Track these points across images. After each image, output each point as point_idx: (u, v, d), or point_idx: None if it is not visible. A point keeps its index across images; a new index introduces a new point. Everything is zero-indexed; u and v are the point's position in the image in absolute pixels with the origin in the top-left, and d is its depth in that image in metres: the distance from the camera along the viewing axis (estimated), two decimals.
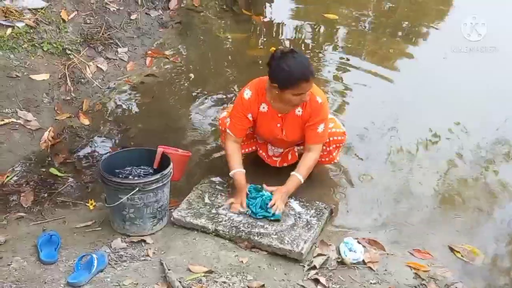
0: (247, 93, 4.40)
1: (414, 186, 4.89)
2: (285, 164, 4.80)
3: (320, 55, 7.00)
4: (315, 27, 7.68)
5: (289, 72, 4.09)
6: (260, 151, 4.83)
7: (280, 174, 4.69)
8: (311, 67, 4.17)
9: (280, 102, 4.33)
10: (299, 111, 4.39)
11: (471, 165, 5.16)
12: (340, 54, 6.99)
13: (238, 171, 4.44)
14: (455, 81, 6.35)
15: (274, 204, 4.28)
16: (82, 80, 5.87)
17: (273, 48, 4.21)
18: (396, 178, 4.96)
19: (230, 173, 4.47)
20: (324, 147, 4.61)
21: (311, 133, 4.43)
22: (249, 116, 4.44)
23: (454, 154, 5.27)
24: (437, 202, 4.74)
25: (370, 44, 7.35)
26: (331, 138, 4.59)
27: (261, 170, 4.83)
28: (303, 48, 7.08)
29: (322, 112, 4.38)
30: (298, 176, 4.42)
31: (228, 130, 4.51)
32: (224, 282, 3.72)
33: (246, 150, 4.82)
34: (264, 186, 4.48)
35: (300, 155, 4.63)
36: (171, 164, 4.19)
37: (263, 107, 4.43)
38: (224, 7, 7.59)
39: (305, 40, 7.32)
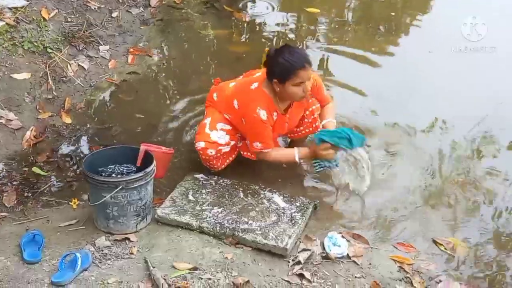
0: (263, 115, 4.38)
1: (397, 180, 4.91)
2: None
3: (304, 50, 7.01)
4: (297, 22, 7.67)
5: (285, 62, 4.18)
6: (245, 153, 4.80)
7: (269, 170, 4.83)
8: (307, 55, 4.28)
9: (286, 100, 4.44)
10: None
11: (454, 159, 5.18)
12: (322, 48, 6.98)
13: (296, 151, 4.58)
14: (438, 75, 6.36)
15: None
16: (64, 78, 5.83)
17: (267, 49, 4.28)
18: (379, 173, 4.97)
19: (297, 159, 4.58)
20: (306, 120, 4.78)
21: (320, 98, 4.71)
22: (270, 127, 4.50)
23: (437, 148, 5.27)
24: (420, 195, 4.76)
25: (352, 38, 7.33)
26: (310, 109, 4.72)
27: (250, 169, 4.86)
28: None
29: (317, 84, 4.58)
30: (333, 121, 4.74)
31: (264, 151, 4.54)
32: (209, 279, 3.73)
33: (228, 161, 4.77)
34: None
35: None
36: (154, 161, 4.18)
37: (275, 116, 4.48)
38: (206, 3, 7.57)
39: (287, 36, 7.31)
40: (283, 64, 4.18)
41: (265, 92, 4.38)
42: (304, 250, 4.01)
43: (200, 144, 4.59)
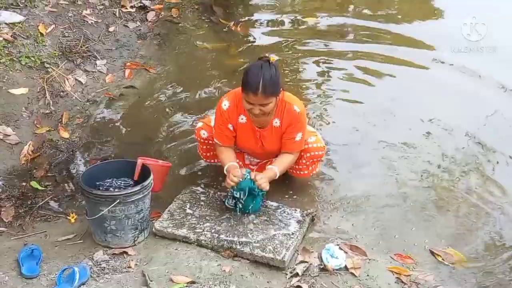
0: (224, 104, 4.42)
1: (395, 191, 4.91)
2: None
3: (300, 61, 7.03)
4: (293, 32, 7.70)
5: (245, 75, 4.19)
6: (237, 161, 4.83)
7: None
8: (266, 84, 4.10)
9: None
10: (276, 123, 4.42)
11: (452, 168, 5.18)
12: (321, 59, 7.01)
13: (231, 164, 4.45)
14: (436, 82, 6.41)
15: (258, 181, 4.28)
16: (61, 93, 5.86)
17: (272, 58, 4.29)
18: (377, 184, 4.98)
19: (224, 169, 4.47)
20: (304, 161, 4.65)
21: (288, 142, 4.47)
22: (230, 126, 4.47)
23: (435, 157, 5.28)
24: (418, 206, 4.75)
25: (352, 47, 7.35)
26: (311, 153, 4.61)
27: None
28: (282, 56, 7.08)
29: (300, 121, 4.41)
30: (274, 169, 4.45)
31: (215, 140, 4.54)
32: None
33: (217, 159, 4.80)
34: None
35: None
36: (152, 175, 4.19)
37: (242, 119, 4.45)
38: (203, 17, 7.61)
39: (284, 47, 7.33)
40: (243, 78, 4.19)
41: (240, 92, 4.36)
42: (301, 262, 4.01)
43: (198, 124, 4.74)
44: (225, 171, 4.47)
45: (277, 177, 4.47)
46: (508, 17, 7.37)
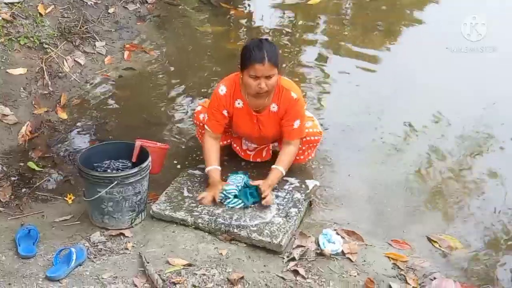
0: (221, 89, 4.40)
1: (393, 177, 4.91)
2: (258, 160, 4.81)
3: (301, 46, 7.02)
4: (296, 16, 7.68)
5: (246, 51, 4.18)
6: (234, 145, 4.83)
7: (255, 169, 4.75)
8: (270, 53, 4.13)
9: (248, 93, 4.34)
10: (274, 107, 4.40)
11: (450, 157, 5.19)
12: (322, 44, 6.99)
13: (213, 168, 4.44)
14: (437, 73, 6.39)
15: (265, 198, 4.27)
16: (60, 74, 5.85)
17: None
18: (375, 170, 4.99)
19: (205, 170, 4.48)
20: (300, 145, 4.61)
21: (288, 129, 4.44)
22: (225, 112, 4.44)
23: (434, 146, 5.29)
24: (415, 193, 4.77)
25: (353, 33, 7.34)
26: (307, 138, 4.59)
27: (245, 166, 4.83)
28: (283, 40, 7.07)
29: (297, 108, 4.39)
30: (279, 169, 4.42)
31: (206, 126, 4.52)
32: (204, 275, 3.72)
33: (221, 143, 4.75)
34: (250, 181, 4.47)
35: (274, 153, 4.67)
36: (150, 157, 4.18)
37: (238, 103, 4.43)
38: (203, 0, 7.59)
39: (285, 32, 7.32)
40: (245, 53, 4.18)
41: (238, 76, 4.36)
42: (298, 246, 4.01)
43: (197, 108, 4.74)
44: (206, 172, 4.47)
45: (284, 175, 4.47)
46: None
